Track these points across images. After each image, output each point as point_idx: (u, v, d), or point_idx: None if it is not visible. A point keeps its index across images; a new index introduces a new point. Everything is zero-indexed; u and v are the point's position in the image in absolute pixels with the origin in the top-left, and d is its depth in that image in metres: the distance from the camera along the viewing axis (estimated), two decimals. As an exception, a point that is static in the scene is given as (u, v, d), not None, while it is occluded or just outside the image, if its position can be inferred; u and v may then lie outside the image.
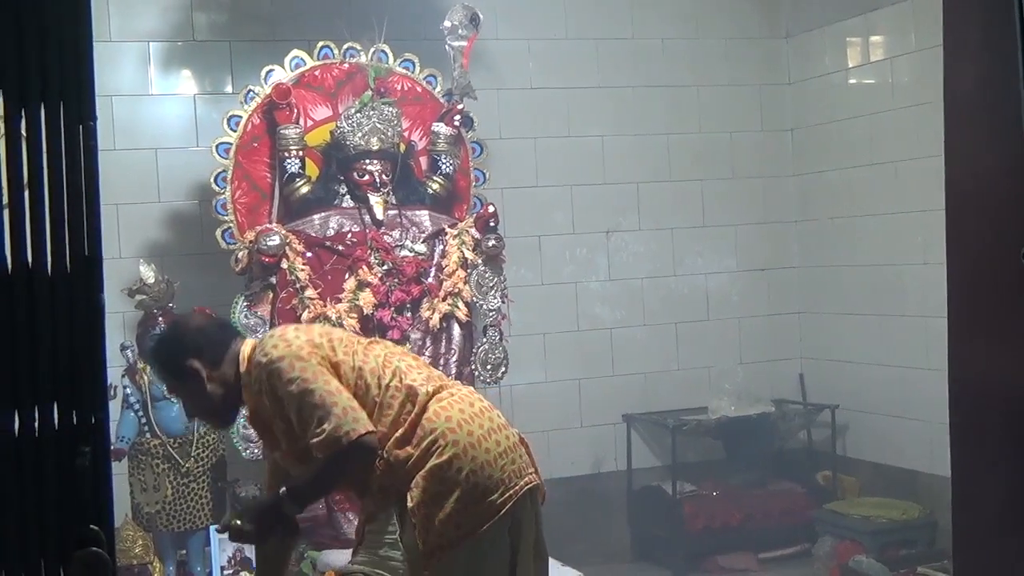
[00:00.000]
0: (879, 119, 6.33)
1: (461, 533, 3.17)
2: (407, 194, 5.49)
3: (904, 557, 5.78)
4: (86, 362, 1.78)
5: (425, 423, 3.24)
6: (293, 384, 3.15)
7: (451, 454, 3.20)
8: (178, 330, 3.49)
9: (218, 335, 3.41)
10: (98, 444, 1.78)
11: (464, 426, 3.25)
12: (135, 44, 5.80)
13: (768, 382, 6.86)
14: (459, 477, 3.19)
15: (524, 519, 3.34)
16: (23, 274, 1.76)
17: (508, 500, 3.25)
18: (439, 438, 3.21)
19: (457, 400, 3.31)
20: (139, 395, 5.25)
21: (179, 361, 3.32)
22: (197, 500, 5.24)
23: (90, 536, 1.73)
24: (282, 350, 3.20)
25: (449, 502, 3.17)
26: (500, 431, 3.33)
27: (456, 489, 3.18)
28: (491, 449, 3.26)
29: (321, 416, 3.11)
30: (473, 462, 3.21)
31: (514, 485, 3.28)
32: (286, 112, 5.33)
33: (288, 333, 3.31)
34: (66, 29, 1.75)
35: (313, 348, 3.24)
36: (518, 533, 3.33)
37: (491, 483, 3.23)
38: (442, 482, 3.18)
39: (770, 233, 6.99)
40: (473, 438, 3.24)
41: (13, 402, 1.76)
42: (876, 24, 6.41)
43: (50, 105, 1.76)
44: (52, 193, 1.76)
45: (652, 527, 6.46)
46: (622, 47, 6.65)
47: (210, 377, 3.31)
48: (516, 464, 3.32)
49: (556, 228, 6.53)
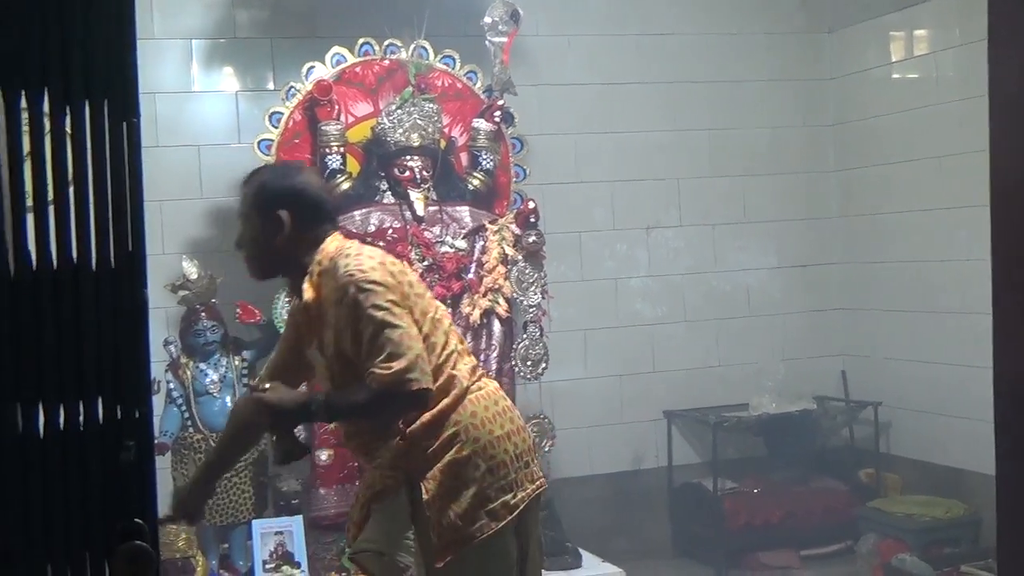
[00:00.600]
0: (922, 114, 6.28)
1: (474, 530, 3.17)
2: (448, 190, 5.50)
3: (948, 555, 5.73)
4: (130, 357, 1.79)
5: (452, 415, 3.23)
6: (380, 312, 3.07)
7: (470, 451, 3.20)
8: (294, 180, 3.33)
9: (320, 211, 3.31)
10: (142, 438, 1.80)
11: (486, 424, 3.25)
12: (178, 42, 5.84)
13: (810, 379, 6.81)
14: (476, 474, 3.19)
15: (531, 521, 3.35)
16: (68, 271, 1.77)
17: (520, 502, 3.26)
18: (461, 432, 3.21)
19: (484, 396, 3.30)
20: (182, 390, 5.29)
21: (273, 202, 3.25)
22: (239, 494, 5.27)
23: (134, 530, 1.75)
24: (380, 275, 3.13)
25: (465, 498, 3.17)
26: (518, 433, 3.34)
27: (472, 486, 3.18)
28: (509, 450, 3.26)
29: (394, 353, 3.04)
30: (491, 461, 3.22)
31: (526, 488, 3.29)
32: (327, 108, 5.35)
33: (387, 260, 3.23)
34: (110, 28, 1.77)
35: (408, 287, 3.20)
36: (527, 535, 3.34)
37: (506, 484, 3.23)
38: (458, 477, 3.18)
39: (812, 229, 6.94)
40: (493, 437, 3.24)
41: (59, 396, 1.77)
42: (920, 18, 6.35)
43: (94, 103, 1.77)
44: (96, 190, 1.78)
45: (693, 524, 6.44)
46: (663, 42, 6.62)
47: (284, 236, 3.23)
48: (530, 468, 3.33)
49: (596, 224, 6.51)
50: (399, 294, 3.14)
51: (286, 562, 5.13)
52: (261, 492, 5.38)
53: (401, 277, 3.22)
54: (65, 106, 1.76)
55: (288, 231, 3.23)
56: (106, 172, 1.77)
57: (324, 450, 5.23)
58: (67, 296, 1.77)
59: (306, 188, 3.30)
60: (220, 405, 5.27)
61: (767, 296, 6.85)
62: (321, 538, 5.24)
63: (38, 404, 1.77)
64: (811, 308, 6.94)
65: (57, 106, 1.76)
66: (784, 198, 6.88)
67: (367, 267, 3.13)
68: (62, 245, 1.77)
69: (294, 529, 5.23)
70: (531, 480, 3.32)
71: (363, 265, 3.13)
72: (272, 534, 5.22)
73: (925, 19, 6.33)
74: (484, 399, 3.30)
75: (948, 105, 6.07)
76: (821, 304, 6.95)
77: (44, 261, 1.77)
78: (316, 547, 5.21)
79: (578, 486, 6.27)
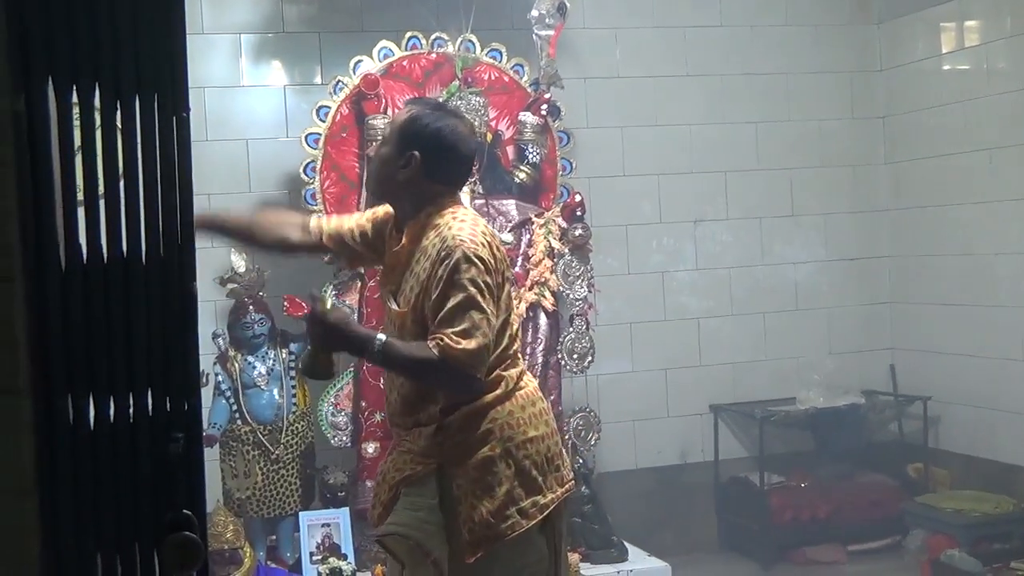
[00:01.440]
0: (973, 105, 6.21)
1: (506, 527, 3.16)
2: (494, 183, 5.50)
3: (997, 551, 5.67)
4: (179, 349, 1.81)
5: (491, 412, 3.21)
6: (474, 288, 3.07)
7: (503, 449, 3.19)
8: (440, 129, 3.26)
9: (450, 171, 3.30)
10: (191, 430, 1.81)
11: (521, 425, 3.24)
12: (227, 36, 5.88)
13: (858, 373, 6.77)
14: (508, 472, 3.18)
15: (559, 522, 3.35)
16: (119, 263, 1.79)
17: (551, 503, 3.26)
18: (496, 430, 3.20)
19: (523, 396, 3.29)
20: (230, 383, 5.33)
21: (411, 140, 3.23)
22: (287, 486, 5.30)
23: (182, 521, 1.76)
24: (487, 254, 3.13)
25: (498, 495, 3.16)
26: (552, 436, 3.33)
27: (505, 483, 3.17)
28: (541, 452, 3.26)
29: (467, 330, 3.03)
30: (525, 460, 3.21)
31: (556, 491, 3.29)
32: (374, 102, 5.37)
33: (496, 243, 3.23)
34: (160, 22, 1.78)
35: (502, 278, 3.19)
36: (559, 536, 3.34)
37: (536, 485, 3.23)
38: (491, 474, 3.17)
39: (861, 222, 6.89)
40: (526, 438, 3.23)
41: (109, 388, 1.79)
42: (970, 8, 6.28)
43: (145, 98, 1.78)
44: (146, 184, 1.79)
45: (739, 518, 6.42)
46: (710, 34, 6.60)
47: (407, 174, 3.22)
48: (560, 471, 3.33)
49: (643, 217, 6.49)
50: (495, 280, 3.15)
51: (333, 554, 5.16)
52: (308, 484, 5.42)
53: (501, 265, 3.22)
54: (116, 100, 1.77)
55: (412, 172, 3.22)
56: (156, 166, 1.79)
57: (371, 442, 5.25)
58: (117, 289, 1.78)
59: (446, 142, 3.25)
60: (268, 398, 5.31)
61: (815, 289, 6.81)
62: (367, 530, 5.25)
63: (89, 396, 1.78)
64: (860, 302, 6.89)
65: (108, 100, 1.77)
66: (832, 191, 6.83)
67: (479, 241, 3.13)
68: (112, 238, 1.79)
69: (341, 521, 5.26)
70: (560, 483, 3.32)
71: (476, 238, 3.14)
72: (319, 526, 5.26)
73: (975, 10, 6.26)
74: (523, 399, 3.29)
75: (999, 97, 6.00)
76: (870, 298, 6.90)
77: (95, 254, 1.78)
78: (362, 539, 5.23)
79: (624, 480, 6.27)
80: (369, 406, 5.25)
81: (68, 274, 1.76)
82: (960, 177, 6.33)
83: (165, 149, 1.79)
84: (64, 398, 1.77)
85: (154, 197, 1.79)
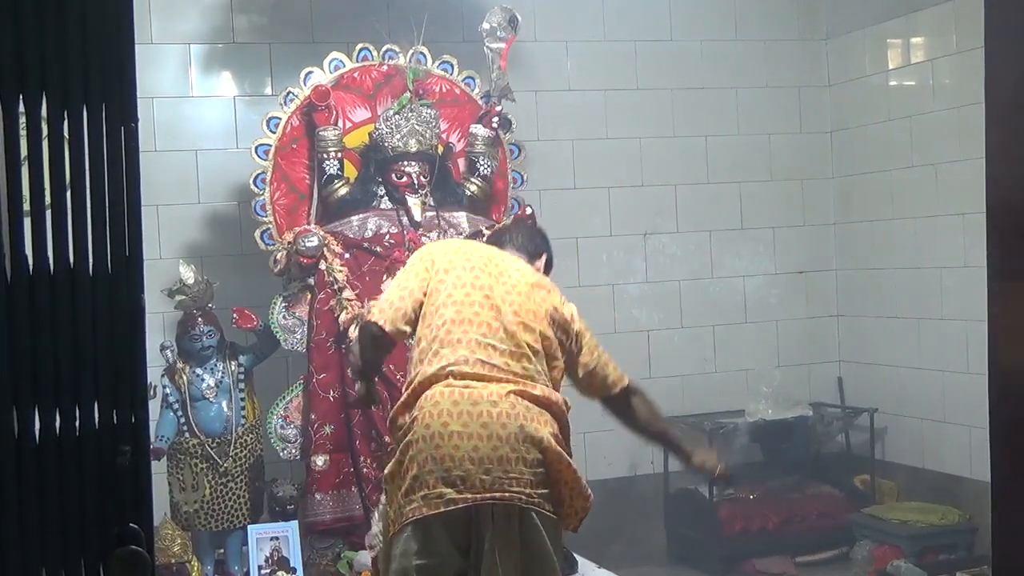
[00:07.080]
0: (919, 121, 6.29)
1: (408, 511, 3.33)
2: (445, 196, 5.50)
3: (943, 562, 5.73)
4: (127, 362, 1.80)
5: (420, 400, 3.43)
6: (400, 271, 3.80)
7: (418, 436, 3.36)
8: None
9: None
10: (138, 443, 1.80)
11: (442, 416, 3.37)
12: (176, 46, 5.84)
13: (806, 385, 6.83)
14: (419, 458, 3.34)
15: (488, 536, 3.35)
16: (65, 275, 1.77)
17: (467, 501, 3.32)
18: (419, 417, 3.39)
19: (459, 395, 3.41)
20: (178, 395, 5.28)
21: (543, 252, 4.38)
22: (235, 499, 5.26)
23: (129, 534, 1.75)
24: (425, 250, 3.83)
25: (407, 478, 3.35)
26: (488, 440, 3.37)
27: (413, 468, 3.34)
28: (461, 447, 3.34)
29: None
30: (436, 451, 3.34)
31: (478, 492, 3.32)
32: (325, 114, 5.35)
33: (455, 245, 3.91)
34: (108, 33, 1.77)
35: (442, 270, 3.61)
36: (479, 548, 3.36)
37: (448, 477, 3.32)
38: (405, 457, 3.38)
39: (808, 236, 6.95)
40: (447, 430, 3.36)
41: (55, 401, 1.77)
42: (917, 25, 6.36)
43: (92, 108, 1.77)
44: (94, 194, 1.78)
45: (688, 530, 6.44)
46: (660, 49, 6.64)
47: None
48: (491, 476, 3.34)
49: (593, 230, 6.52)
50: (424, 265, 3.64)
51: (282, 567, 5.13)
52: (257, 497, 5.38)
53: (443, 256, 3.66)
54: (63, 110, 1.76)
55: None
56: (104, 176, 1.78)
57: (320, 455, 5.21)
58: (64, 300, 1.77)
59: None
60: (216, 410, 5.26)
61: (764, 302, 6.86)
62: (317, 543, 5.24)
63: (34, 409, 1.77)
64: (808, 315, 6.95)
65: (55, 110, 1.76)
66: (781, 205, 6.89)
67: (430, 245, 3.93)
68: (59, 249, 1.78)
69: (290, 535, 5.22)
70: (488, 488, 3.33)
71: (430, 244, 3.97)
72: (268, 539, 5.22)
73: (922, 27, 6.34)
74: (458, 396, 3.40)
75: (945, 112, 6.08)
76: (817, 311, 6.97)
77: (41, 265, 1.77)
78: (312, 552, 5.21)
79: (574, 492, 6.26)
80: (319, 419, 5.22)
81: (14, 285, 1.75)
82: (906, 191, 6.40)
83: (113, 159, 1.78)
84: (9, 411, 1.75)
85: (102, 208, 1.78)
